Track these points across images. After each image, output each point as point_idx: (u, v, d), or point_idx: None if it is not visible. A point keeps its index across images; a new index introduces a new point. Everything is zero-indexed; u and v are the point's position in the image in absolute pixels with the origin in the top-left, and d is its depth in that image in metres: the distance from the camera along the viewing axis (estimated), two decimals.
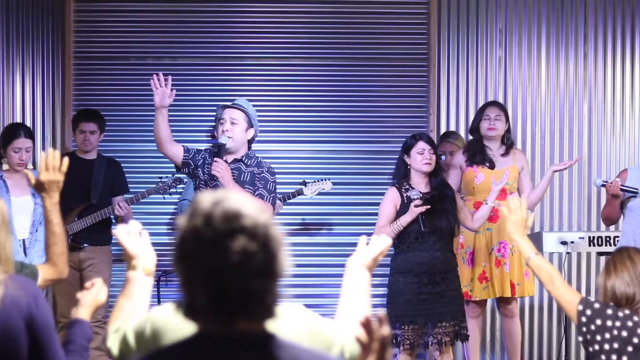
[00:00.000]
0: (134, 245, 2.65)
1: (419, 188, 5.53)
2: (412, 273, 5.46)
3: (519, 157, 6.18)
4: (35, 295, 2.71)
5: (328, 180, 6.55)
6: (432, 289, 5.46)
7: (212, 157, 5.22)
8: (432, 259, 5.45)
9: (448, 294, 5.48)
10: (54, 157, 3.44)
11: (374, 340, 1.93)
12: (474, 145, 6.09)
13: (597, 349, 3.58)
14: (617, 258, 3.66)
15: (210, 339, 1.87)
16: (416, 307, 5.44)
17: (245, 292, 1.83)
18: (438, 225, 5.45)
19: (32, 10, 6.99)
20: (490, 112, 6.09)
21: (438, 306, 5.46)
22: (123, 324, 2.47)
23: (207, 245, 1.83)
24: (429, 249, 5.46)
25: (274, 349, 1.87)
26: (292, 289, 5.43)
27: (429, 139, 5.62)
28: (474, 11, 7.15)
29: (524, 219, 3.73)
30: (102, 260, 6.32)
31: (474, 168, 6.03)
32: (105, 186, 6.32)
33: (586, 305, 3.62)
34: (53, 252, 3.45)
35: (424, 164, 5.50)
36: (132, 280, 2.62)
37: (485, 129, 6.07)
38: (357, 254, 2.74)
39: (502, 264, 5.97)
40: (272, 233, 1.86)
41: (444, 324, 5.46)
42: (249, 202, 1.89)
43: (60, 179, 3.44)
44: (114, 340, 2.45)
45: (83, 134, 6.30)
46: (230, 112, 5.27)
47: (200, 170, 5.25)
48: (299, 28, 7.10)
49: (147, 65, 7.04)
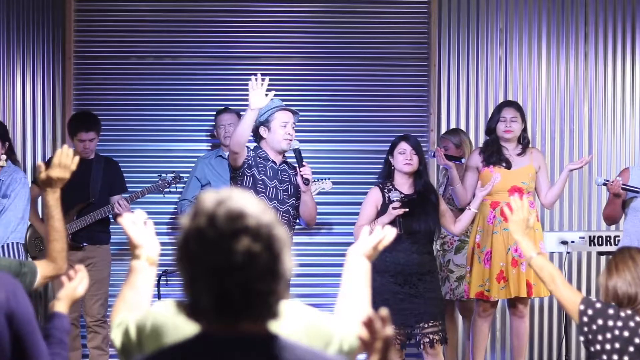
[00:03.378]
0: (139, 234, 2.66)
1: (402, 189, 5.53)
2: (389, 273, 5.46)
3: (535, 156, 6.12)
4: (13, 290, 2.68)
5: (328, 180, 6.55)
6: (408, 289, 5.46)
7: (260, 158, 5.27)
8: (408, 260, 5.46)
9: (426, 295, 5.48)
10: (67, 156, 3.47)
11: (376, 340, 1.92)
12: (491, 146, 6.05)
13: (598, 348, 3.59)
14: (619, 258, 3.66)
15: (213, 339, 1.87)
16: (393, 307, 5.44)
17: (248, 292, 1.83)
18: (415, 228, 5.46)
19: (33, 10, 6.99)
20: (506, 114, 6.03)
21: (416, 307, 5.46)
22: (126, 316, 2.48)
23: (211, 246, 1.82)
24: (405, 250, 5.46)
25: (276, 350, 1.86)
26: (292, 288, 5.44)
27: (413, 140, 5.59)
28: (474, 11, 7.15)
29: (525, 219, 3.73)
30: (102, 259, 6.32)
31: (491, 168, 5.99)
32: (103, 185, 6.32)
33: (588, 305, 3.62)
34: (53, 248, 3.46)
35: (404, 164, 5.52)
36: (135, 269, 2.63)
37: (501, 131, 6.02)
38: (358, 243, 2.76)
39: (518, 264, 5.90)
40: (276, 233, 1.85)
41: (422, 325, 5.46)
42: (252, 201, 1.89)
43: (67, 177, 3.48)
44: (117, 334, 2.46)
45: (82, 142, 6.27)
46: (290, 116, 5.35)
47: (255, 169, 5.28)
48: (299, 28, 7.10)
49: (147, 65, 7.05)
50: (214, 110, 6.69)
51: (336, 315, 2.60)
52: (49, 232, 3.46)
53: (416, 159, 5.51)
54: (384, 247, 2.80)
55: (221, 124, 6.52)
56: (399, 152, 5.53)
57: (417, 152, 5.53)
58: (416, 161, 5.51)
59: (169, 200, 6.70)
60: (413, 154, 5.51)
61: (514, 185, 5.95)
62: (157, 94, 7.01)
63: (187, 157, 6.86)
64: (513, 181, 5.95)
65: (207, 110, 6.81)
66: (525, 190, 5.96)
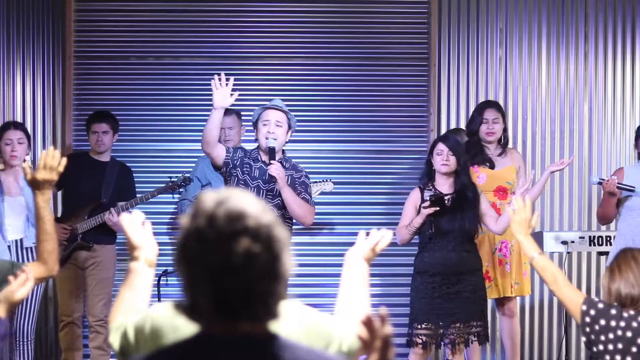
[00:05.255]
0: (137, 235, 2.65)
1: (442, 189, 5.56)
2: (428, 273, 5.50)
3: (515, 156, 6.21)
4: None
5: (329, 181, 6.56)
6: (446, 289, 5.47)
7: (248, 158, 5.33)
8: (445, 259, 5.46)
9: (464, 295, 5.48)
10: (53, 157, 3.44)
11: (376, 339, 1.92)
12: (474, 147, 6.09)
13: (601, 349, 3.58)
14: (622, 259, 3.66)
15: (213, 340, 1.86)
16: (430, 306, 5.47)
17: (248, 293, 1.83)
18: (449, 227, 5.46)
19: (33, 10, 6.99)
20: (488, 115, 6.08)
21: (452, 307, 5.46)
22: (124, 319, 2.48)
23: (210, 246, 1.82)
24: (442, 249, 5.48)
25: (277, 350, 1.86)
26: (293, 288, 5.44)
27: (451, 140, 5.60)
28: (474, 10, 7.15)
29: (528, 219, 3.73)
30: (106, 259, 6.31)
31: (476, 168, 6.03)
32: (115, 188, 6.33)
33: (590, 305, 3.61)
34: (44, 249, 3.44)
35: (441, 165, 5.52)
36: (134, 271, 2.63)
37: (484, 133, 6.08)
38: (356, 247, 2.78)
39: (503, 264, 5.98)
40: (276, 234, 1.85)
41: (458, 325, 5.46)
42: (252, 202, 1.89)
43: (55, 179, 3.44)
44: (116, 337, 2.46)
45: (95, 134, 6.30)
46: (274, 114, 5.33)
47: (239, 169, 5.34)
48: (299, 28, 7.10)
49: (147, 65, 7.05)
50: None
51: (336, 316, 2.60)
52: (39, 233, 3.45)
53: (453, 159, 5.52)
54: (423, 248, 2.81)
55: (221, 127, 6.51)
56: (437, 152, 5.55)
57: (454, 152, 5.53)
58: (453, 161, 5.52)
59: (169, 200, 6.70)
60: (450, 154, 5.51)
61: (499, 185, 6.02)
62: (157, 94, 7.01)
63: (187, 157, 6.86)
64: (498, 181, 6.02)
65: (207, 110, 6.78)
66: (509, 190, 5.99)
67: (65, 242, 6.16)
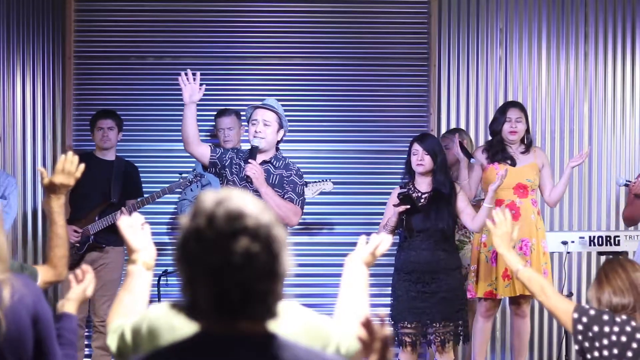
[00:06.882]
0: (135, 238, 2.67)
1: (421, 187, 5.62)
2: (403, 271, 5.54)
3: (539, 154, 6.14)
4: (38, 294, 2.75)
5: (329, 181, 6.55)
6: (421, 287, 5.50)
7: (239, 158, 5.28)
8: (419, 258, 5.50)
9: (439, 295, 5.49)
10: (71, 163, 3.45)
11: (375, 340, 1.93)
12: (495, 146, 6.06)
13: (596, 355, 3.53)
14: (608, 268, 3.64)
15: (212, 339, 1.87)
16: (405, 304, 5.49)
17: (247, 292, 1.83)
18: (423, 226, 5.50)
19: (33, 10, 6.99)
20: (511, 115, 6.04)
21: (427, 306, 5.47)
22: (122, 321, 2.49)
23: (210, 246, 1.83)
24: (415, 248, 5.52)
25: (275, 349, 1.87)
26: (292, 288, 5.44)
27: (426, 140, 5.62)
28: (474, 10, 7.15)
29: (509, 232, 3.71)
30: (115, 260, 6.31)
31: (496, 165, 6.00)
32: (123, 186, 6.33)
33: (581, 312, 3.57)
34: (55, 254, 3.44)
35: (416, 165, 5.60)
36: (132, 274, 2.65)
37: (507, 132, 6.03)
38: (356, 250, 2.80)
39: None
40: (275, 233, 1.86)
41: (435, 325, 5.47)
42: (251, 201, 1.89)
43: (71, 184, 3.46)
44: (113, 339, 2.47)
45: (101, 130, 6.37)
46: (263, 113, 5.29)
47: (227, 170, 5.29)
48: (299, 28, 7.10)
49: (147, 65, 7.05)
50: (214, 110, 6.69)
51: (335, 319, 2.61)
52: (51, 237, 3.45)
53: (428, 158, 5.56)
54: (400, 247, 2.85)
55: (220, 128, 6.52)
56: (413, 153, 5.62)
57: (428, 152, 5.56)
58: (428, 161, 5.56)
59: (169, 200, 6.70)
60: (425, 154, 5.56)
61: (519, 182, 5.96)
62: (157, 94, 7.01)
63: (187, 156, 6.83)
64: (518, 178, 5.96)
65: (207, 110, 6.80)
66: (529, 187, 5.97)
67: (77, 244, 6.16)
